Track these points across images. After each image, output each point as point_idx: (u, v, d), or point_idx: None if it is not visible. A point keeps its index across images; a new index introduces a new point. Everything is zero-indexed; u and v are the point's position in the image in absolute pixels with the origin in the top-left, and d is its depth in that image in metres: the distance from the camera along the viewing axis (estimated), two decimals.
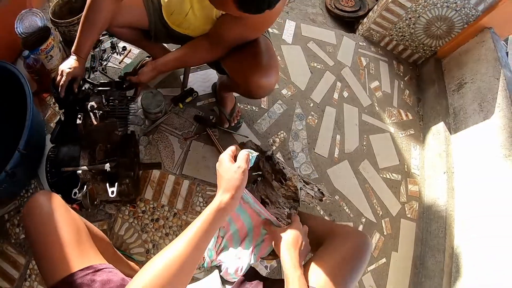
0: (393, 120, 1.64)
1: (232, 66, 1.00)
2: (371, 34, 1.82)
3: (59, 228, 0.63)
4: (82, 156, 1.01)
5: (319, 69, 1.59)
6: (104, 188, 1.03)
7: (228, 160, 0.62)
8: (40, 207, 0.65)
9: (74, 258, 0.60)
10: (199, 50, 1.00)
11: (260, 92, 0.97)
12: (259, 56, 0.93)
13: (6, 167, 1.06)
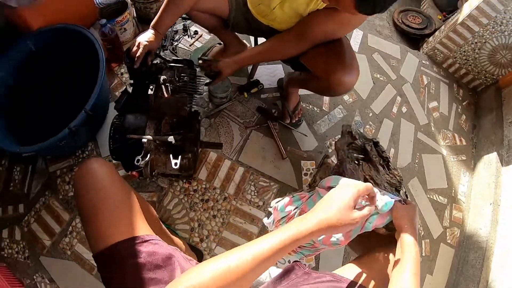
0: (447, 143, 1.59)
1: (315, 61, 0.98)
2: (435, 54, 1.78)
3: (111, 195, 0.62)
4: (148, 126, 1.01)
5: (381, 80, 1.56)
6: (163, 160, 1.05)
7: (353, 199, 0.52)
8: (94, 173, 0.64)
9: (122, 226, 0.59)
10: (286, 44, 0.99)
11: (339, 89, 0.95)
12: (343, 54, 0.92)
13: (70, 124, 1.10)
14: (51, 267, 1.23)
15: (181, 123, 1.03)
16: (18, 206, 1.33)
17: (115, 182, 0.65)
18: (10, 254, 1.27)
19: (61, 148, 1.24)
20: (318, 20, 0.91)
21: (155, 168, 1.04)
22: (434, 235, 1.41)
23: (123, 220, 0.60)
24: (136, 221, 0.62)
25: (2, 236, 1.29)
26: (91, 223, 0.59)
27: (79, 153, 1.34)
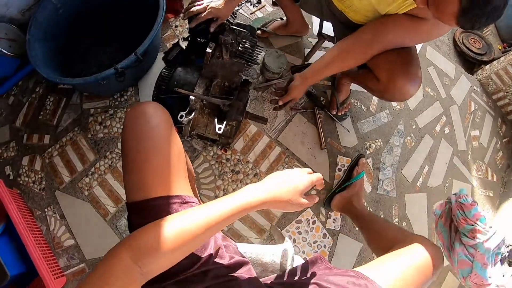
0: (479, 175, 1.56)
1: (380, 63, 0.92)
2: (488, 83, 1.73)
3: (163, 147, 0.58)
4: (199, 84, 0.99)
5: (431, 96, 1.52)
6: (205, 122, 1.02)
7: (307, 187, 0.58)
8: (149, 118, 0.58)
9: (168, 182, 0.56)
10: (352, 53, 0.91)
11: (397, 95, 0.91)
12: (410, 62, 0.87)
13: (117, 65, 1.08)
14: (65, 204, 1.22)
15: (232, 89, 1.00)
16: (44, 136, 1.32)
17: (169, 133, 0.60)
18: (26, 182, 1.26)
19: (102, 87, 1.22)
20: (396, 28, 0.84)
21: (195, 128, 1.01)
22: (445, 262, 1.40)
23: (170, 176, 0.57)
24: (180, 179, 0.59)
25: (22, 163, 1.28)
26: (136, 171, 0.56)
27: (117, 96, 1.31)
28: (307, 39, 1.41)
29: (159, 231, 0.45)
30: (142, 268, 0.42)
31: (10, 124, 1.35)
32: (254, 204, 0.51)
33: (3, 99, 1.41)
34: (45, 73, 1.11)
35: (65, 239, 1.19)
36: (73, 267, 1.17)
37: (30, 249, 1.03)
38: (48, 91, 1.37)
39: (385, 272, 0.62)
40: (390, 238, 0.80)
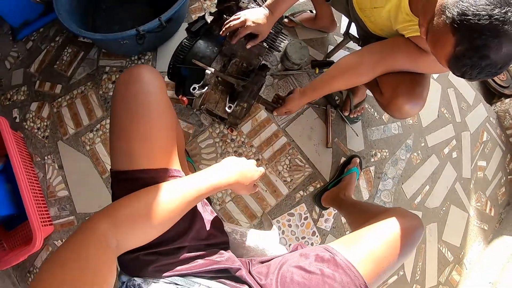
0: (477, 206, 1.55)
1: (387, 78, 0.90)
2: (504, 116, 1.71)
3: (154, 115, 0.55)
4: (217, 60, 0.98)
5: (446, 117, 1.50)
6: (217, 99, 1.01)
7: (259, 176, 0.66)
8: (143, 82, 0.55)
9: (154, 154, 0.55)
10: (355, 73, 0.89)
11: (396, 113, 0.90)
12: (416, 83, 0.85)
13: (140, 27, 1.07)
14: (65, 155, 1.23)
15: (249, 71, 1.00)
16: (56, 86, 1.33)
17: (163, 101, 0.58)
18: (31, 127, 1.27)
19: (121, 47, 1.22)
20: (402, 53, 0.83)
21: (205, 103, 1.01)
22: (427, 284, 1.40)
23: (159, 148, 0.55)
24: (170, 152, 0.58)
25: (30, 108, 1.29)
26: (123, 138, 0.53)
27: (135, 58, 1.31)
28: (333, 36, 1.40)
29: (139, 204, 0.46)
30: (119, 239, 0.43)
31: (25, 68, 1.36)
32: (225, 184, 0.55)
33: (22, 42, 1.42)
34: (67, 24, 1.11)
35: (59, 190, 1.20)
36: (62, 218, 1.19)
37: (23, 191, 1.04)
38: (68, 42, 1.38)
39: (355, 246, 0.60)
40: (368, 215, 0.76)
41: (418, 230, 0.62)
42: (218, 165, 0.58)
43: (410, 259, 1.36)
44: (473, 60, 0.53)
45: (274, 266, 0.61)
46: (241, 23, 0.86)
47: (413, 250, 0.63)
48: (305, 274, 0.56)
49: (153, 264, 0.51)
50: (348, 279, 0.54)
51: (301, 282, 0.55)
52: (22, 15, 1.35)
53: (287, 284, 0.56)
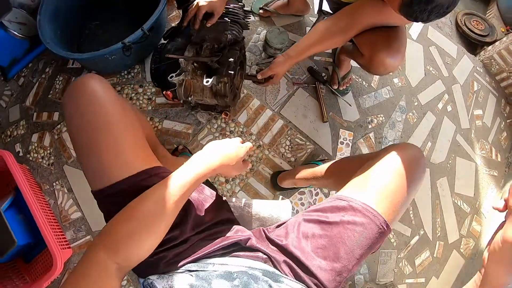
0: (482, 154, 1.57)
1: (363, 39, 0.96)
2: (490, 63, 1.74)
3: (112, 120, 0.52)
4: (188, 49, 1.00)
5: (433, 74, 1.54)
6: (201, 86, 1.00)
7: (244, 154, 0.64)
8: (88, 92, 0.52)
9: (126, 160, 0.53)
10: (331, 37, 0.93)
11: (380, 69, 0.95)
12: (393, 38, 0.90)
13: (125, 40, 1.10)
14: (73, 177, 1.26)
15: (221, 48, 1.01)
16: (53, 114, 1.36)
17: (116, 102, 0.55)
18: (35, 158, 1.30)
19: (109, 63, 1.26)
20: (370, 11, 0.87)
21: (192, 94, 1.03)
22: (450, 239, 1.41)
23: (130, 152, 0.54)
24: (144, 152, 0.57)
25: (32, 140, 1.33)
26: (91, 156, 0.52)
27: (124, 73, 1.35)
28: (309, 18, 1.45)
29: (129, 222, 0.46)
30: (119, 262, 0.44)
31: (20, 104, 1.41)
32: (208, 172, 0.54)
33: (14, 80, 1.46)
34: (55, 50, 1.16)
35: (72, 212, 1.23)
36: (79, 240, 1.21)
37: (38, 219, 1.06)
38: (58, 71, 1.42)
39: (367, 188, 0.58)
40: (360, 161, 0.70)
41: (420, 157, 0.62)
42: (198, 154, 0.56)
43: (428, 217, 1.37)
44: (420, 5, 0.59)
45: (292, 225, 0.61)
46: (196, 7, 0.92)
47: (423, 177, 0.61)
48: (325, 226, 0.56)
49: (163, 260, 0.51)
50: (368, 220, 0.54)
51: (323, 235, 0.55)
52: (9, 54, 1.39)
53: (309, 239, 0.56)
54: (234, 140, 0.63)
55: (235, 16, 1.00)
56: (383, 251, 1.26)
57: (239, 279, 0.47)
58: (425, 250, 1.35)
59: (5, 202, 1.14)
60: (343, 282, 0.54)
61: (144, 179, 0.53)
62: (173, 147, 1.21)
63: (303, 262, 0.54)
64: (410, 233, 1.32)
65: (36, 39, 1.34)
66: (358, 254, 0.53)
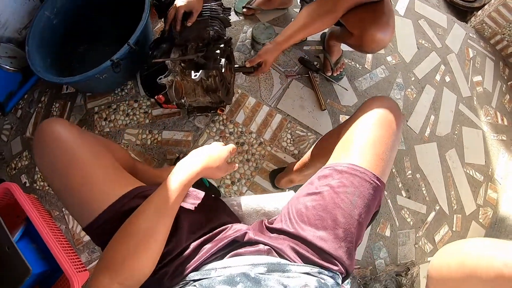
0: (488, 120, 1.54)
1: (351, 18, 0.95)
2: (483, 28, 1.71)
3: (81, 156, 0.55)
4: (173, 51, 1.01)
5: (426, 47, 1.52)
6: (193, 87, 1.00)
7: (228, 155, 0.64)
8: (53, 136, 0.55)
9: (105, 189, 0.54)
10: (319, 18, 0.92)
11: (372, 46, 0.93)
12: (380, 13, 0.89)
13: (113, 57, 1.10)
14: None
15: (206, 45, 1.00)
16: None
17: (82, 139, 0.57)
18: (42, 186, 1.31)
19: (102, 83, 1.27)
20: None
21: (185, 96, 1.02)
22: (467, 211, 1.38)
23: (107, 180, 0.55)
24: (121, 177, 0.59)
25: (36, 169, 1.34)
26: (69, 194, 0.54)
27: (118, 91, 1.36)
28: (293, 9, 1.44)
29: (124, 241, 0.48)
30: (124, 283, 0.45)
31: (21, 135, 1.42)
32: (192, 177, 0.55)
33: (12, 113, 1.48)
34: (47, 77, 1.17)
35: (84, 235, 1.23)
36: (94, 261, 1.21)
37: (51, 246, 1.06)
38: (53, 98, 1.43)
39: (347, 149, 0.58)
40: (338, 130, 0.70)
41: (391, 102, 0.61)
42: (180, 162, 0.57)
43: (442, 192, 1.35)
44: None
45: (285, 208, 0.60)
46: (174, 8, 0.93)
47: (400, 122, 0.60)
48: (316, 197, 0.55)
49: (166, 276, 0.52)
50: (357, 178, 0.53)
51: (316, 205, 0.54)
52: (5, 89, 1.41)
53: (304, 213, 0.55)
54: (215, 143, 0.65)
55: (213, 12, 1.00)
56: (401, 232, 1.25)
57: (243, 283, 0.46)
58: (443, 225, 1.32)
59: (17, 232, 1.15)
60: (351, 247, 0.52)
61: (125, 203, 0.54)
62: (175, 156, 1.21)
63: (306, 239, 0.52)
64: (426, 210, 1.30)
65: (28, 70, 1.34)
66: (356, 215, 0.52)
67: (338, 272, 0.52)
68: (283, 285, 0.46)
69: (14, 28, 1.39)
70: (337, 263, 0.51)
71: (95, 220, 0.52)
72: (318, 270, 0.50)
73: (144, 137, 1.26)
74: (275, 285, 0.46)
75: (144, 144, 1.24)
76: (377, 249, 1.20)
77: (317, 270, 0.50)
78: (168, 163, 1.21)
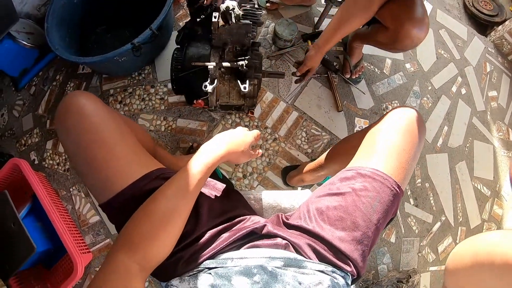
0: (499, 135, 1.55)
1: (386, 12, 0.94)
2: (502, 43, 1.72)
3: (106, 134, 0.54)
4: (212, 54, 1.01)
5: (445, 57, 1.52)
6: (227, 90, 1.04)
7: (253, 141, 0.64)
8: (77, 110, 0.53)
9: (126, 169, 0.54)
10: (354, 17, 0.93)
11: (407, 42, 0.93)
12: (415, 7, 0.89)
13: (134, 40, 1.10)
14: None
15: (244, 51, 1.02)
16: None
17: (106, 115, 0.56)
18: (51, 165, 1.31)
19: (120, 66, 1.26)
20: None
21: (219, 98, 1.04)
22: (472, 224, 1.39)
23: (129, 159, 0.55)
24: (143, 157, 0.59)
25: (46, 147, 1.33)
26: (92, 171, 0.53)
27: (135, 75, 1.36)
28: (316, 8, 1.44)
29: (144, 220, 0.47)
30: (140, 262, 0.44)
31: (33, 112, 1.41)
32: (216, 160, 0.55)
33: (25, 89, 1.48)
34: (65, 55, 1.16)
35: (90, 216, 1.23)
36: (99, 243, 1.21)
37: (56, 225, 1.06)
38: (68, 77, 1.43)
39: (372, 153, 0.58)
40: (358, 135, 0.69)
41: (417, 114, 0.61)
42: (205, 144, 0.57)
43: (449, 203, 1.35)
44: None
45: (305, 205, 0.60)
46: None
47: (424, 133, 0.61)
48: (337, 198, 0.55)
49: (181, 261, 0.51)
50: (379, 183, 0.53)
51: (337, 206, 0.54)
52: (20, 65, 1.40)
53: (324, 212, 0.55)
54: (240, 128, 0.64)
55: (253, 17, 0.99)
56: (406, 239, 1.25)
57: (259, 275, 0.46)
58: (447, 236, 1.33)
59: (23, 209, 1.14)
60: (366, 251, 0.53)
61: (146, 183, 0.53)
62: (188, 145, 1.21)
63: (324, 237, 0.52)
64: (432, 219, 1.31)
65: (44, 48, 1.34)
66: (375, 219, 0.52)
67: (349, 273, 0.52)
68: (298, 281, 0.46)
69: (33, 4, 1.39)
70: (351, 264, 0.52)
71: (115, 196, 0.52)
72: (331, 269, 0.51)
73: (159, 123, 1.26)
74: (291, 281, 0.46)
75: (158, 130, 1.24)
76: (381, 254, 1.20)
77: (331, 269, 0.51)
78: (181, 151, 1.22)
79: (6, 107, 1.44)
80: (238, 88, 0.98)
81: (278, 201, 0.74)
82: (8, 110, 1.44)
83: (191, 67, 0.99)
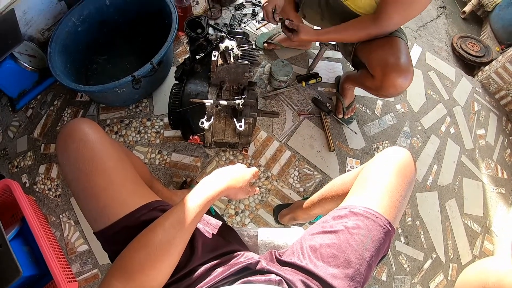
0: (488, 172, 1.59)
1: (373, 60, 1.00)
2: (489, 83, 1.79)
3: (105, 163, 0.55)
4: (210, 91, 1.03)
5: (434, 98, 1.58)
6: (223, 127, 1.06)
7: (251, 178, 0.66)
8: (80, 137, 0.54)
9: (124, 199, 0.54)
10: (354, 27, 1.00)
11: (391, 90, 0.97)
12: (400, 57, 0.94)
13: (134, 73, 1.12)
14: (80, 210, 1.26)
15: (241, 90, 1.05)
16: None
17: (107, 144, 0.57)
18: (42, 189, 1.29)
19: (118, 97, 1.28)
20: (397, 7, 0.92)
21: (214, 135, 1.06)
22: (463, 261, 1.40)
23: (127, 189, 0.56)
24: (140, 188, 0.59)
25: (39, 171, 1.32)
26: (89, 198, 0.54)
27: (132, 107, 1.38)
28: (311, 50, 1.50)
29: (141, 250, 0.47)
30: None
31: (28, 135, 1.40)
32: (215, 195, 0.56)
33: (22, 111, 1.47)
34: (65, 82, 1.17)
35: (78, 245, 1.21)
36: (85, 273, 1.18)
37: (44, 251, 1.02)
38: (66, 103, 1.43)
39: (364, 193, 0.59)
40: (350, 177, 0.71)
41: (408, 155, 0.63)
42: (205, 179, 0.58)
43: (439, 240, 1.37)
44: None
45: (298, 243, 0.61)
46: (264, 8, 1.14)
47: (415, 174, 0.63)
48: (330, 236, 0.56)
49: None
50: (371, 222, 0.55)
51: (331, 244, 0.55)
52: (19, 86, 1.41)
53: (318, 250, 0.55)
54: (239, 165, 0.66)
55: (251, 57, 1.03)
56: (397, 277, 1.26)
57: None
58: (439, 273, 1.34)
59: (11, 231, 1.10)
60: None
61: (143, 214, 0.54)
62: (182, 180, 1.23)
63: (317, 274, 0.53)
64: (423, 257, 1.32)
65: (45, 72, 1.36)
66: (367, 257, 0.53)
67: None
68: None
69: (38, 28, 1.42)
70: None
71: (112, 225, 0.52)
72: None
73: (153, 156, 1.28)
74: None
75: (152, 163, 1.27)
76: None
77: None
78: (174, 186, 1.24)
79: (1, 127, 1.44)
80: (234, 126, 1.00)
81: (272, 238, 0.75)
82: (3, 130, 1.43)
83: (189, 103, 1.02)
